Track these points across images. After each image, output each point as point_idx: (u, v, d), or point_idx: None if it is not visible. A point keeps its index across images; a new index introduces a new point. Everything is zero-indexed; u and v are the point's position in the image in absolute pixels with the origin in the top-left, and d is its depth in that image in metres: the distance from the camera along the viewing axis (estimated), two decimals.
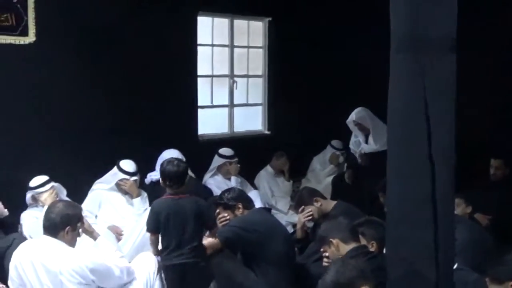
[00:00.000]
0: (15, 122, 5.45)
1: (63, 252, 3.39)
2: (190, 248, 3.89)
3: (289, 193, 6.90)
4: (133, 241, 5.08)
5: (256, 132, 7.72)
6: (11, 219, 4.88)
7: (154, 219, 3.95)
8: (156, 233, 3.98)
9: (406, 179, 2.75)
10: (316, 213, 4.65)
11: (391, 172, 2.84)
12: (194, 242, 3.91)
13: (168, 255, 3.90)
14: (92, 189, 5.57)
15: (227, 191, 4.47)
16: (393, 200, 2.86)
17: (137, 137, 6.16)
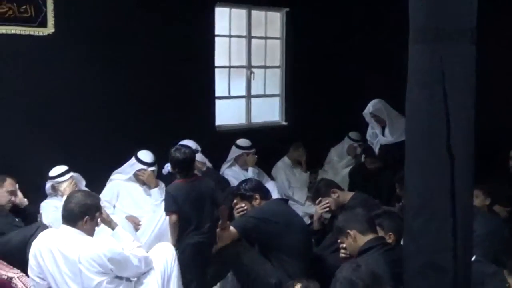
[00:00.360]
0: (34, 112, 5.48)
1: (81, 241, 3.42)
2: (208, 228, 4.08)
3: (306, 184, 6.90)
4: (151, 231, 5.11)
5: (274, 123, 7.71)
6: (31, 209, 4.93)
7: (172, 201, 4.10)
8: (176, 213, 4.09)
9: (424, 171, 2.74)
10: (333, 204, 4.65)
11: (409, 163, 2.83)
12: (209, 221, 4.10)
13: (188, 235, 4.05)
14: (110, 179, 5.61)
15: (244, 181, 4.48)
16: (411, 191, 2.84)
17: (155, 128, 6.18)
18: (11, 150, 5.31)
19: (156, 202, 5.44)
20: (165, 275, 3.66)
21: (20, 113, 5.42)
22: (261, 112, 7.63)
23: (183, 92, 6.46)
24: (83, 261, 3.34)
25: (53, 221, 4.77)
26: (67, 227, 3.48)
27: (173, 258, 3.78)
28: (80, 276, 3.35)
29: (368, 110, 6.69)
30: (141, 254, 3.57)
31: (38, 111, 5.51)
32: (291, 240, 4.01)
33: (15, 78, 5.35)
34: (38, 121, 5.51)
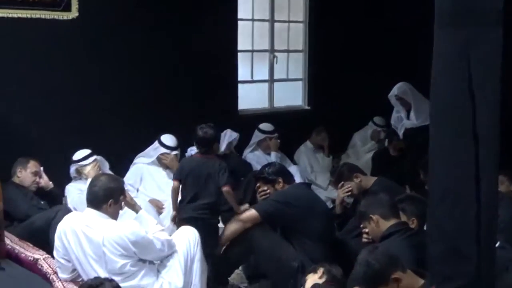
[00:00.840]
0: (58, 97, 5.53)
1: (105, 224, 3.45)
2: (204, 204, 4.27)
3: (328, 168, 6.88)
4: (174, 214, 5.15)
5: (296, 107, 7.69)
6: (56, 191, 4.99)
7: (179, 170, 4.49)
8: (177, 181, 4.42)
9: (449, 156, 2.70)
10: (356, 189, 4.63)
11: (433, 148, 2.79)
12: (207, 199, 4.28)
13: (183, 207, 4.30)
14: (134, 163, 5.65)
15: (267, 165, 4.48)
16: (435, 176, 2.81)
17: (178, 112, 6.20)
18: (36, 134, 5.37)
19: None
20: (188, 258, 3.68)
21: (45, 97, 5.46)
22: (284, 97, 7.61)
23: (206, 77, 6.46)
24: (107, 244, 3.38)
25: (78, 204, 4.83)
26: (92, 210, 3.52)
27: (196, 241, 3.80)
28: (104, 258, 3.38)
29: (393, 93, 6.63)
30: (164, 238, 3.59)
31: (63, 95, 5.55)
32: (313, 224, 4.01)
33: (39, 62, 5.39)
34: (62, 105, 5.55)
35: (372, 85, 7.45)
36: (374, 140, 7.24)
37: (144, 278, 3.50)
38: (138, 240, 3.42)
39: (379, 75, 7.42)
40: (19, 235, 4.20)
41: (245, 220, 4.06)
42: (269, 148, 6.35)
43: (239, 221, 4.09)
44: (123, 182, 3.97)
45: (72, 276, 3.59)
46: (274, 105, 7.49)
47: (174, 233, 3.92)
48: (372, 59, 7.63)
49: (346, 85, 7.60)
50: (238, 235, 4.09)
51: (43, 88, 5.45)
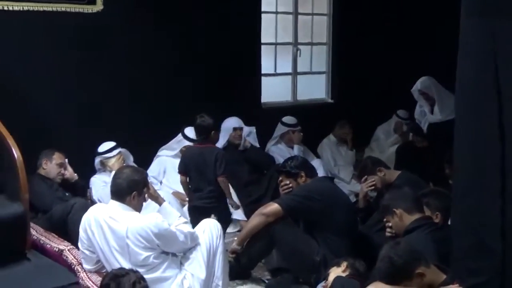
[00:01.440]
0: (83, 89, 5.57)
1: (129, 216, 3.47)
2: (207, 193, 4.55)
3: (352, 162, 6.85)
4: None
5: (320, 100, 7.66)
6: (81, 183, 5.04)
7: (182, 162, 4.71)
8: (183, 174, 4.70)
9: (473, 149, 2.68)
10: (379, 183, 4.60)
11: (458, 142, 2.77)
12: (209, 187, 4.55)
13: (192, 197, 4.64)
14: (157, 155, 5.68)
15: (290, 159, 4.46)
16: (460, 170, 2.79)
17: (201, 105, 6.19)
18: (62, 126, 5.41)
19: None
20: (210, 251, 3.69)
21: (69, 91, 5.50)
22: (307, 89, 7.58)
23: (229, 69, 6.45)
24: (131, 236, 3.39)
25: (103, 196, 4.87)
26: (115, 202, 3.54)
27: (218, 234, 3.80)
28: (127, 250, 3.40)
29: (416, 87, 6.57)
30: (187, 230, 3.60)
31: (87, 88, 5.59)
32: (336, 218, 3.99)
33: (65, 56, 5.43)
34: (87, 98, 5.59)
35: (396, 78, 7.39)
36: (397, 133, 7.19)
37: (167, 270, 3.51)
38: (161, 233, 3.43)
39: (403, 68, 7.35)
40: (43, 227, 4.25)
41: (267, 214, 4.05)
42: (292, 141, 6.34)
43: (262, 215, 4.08)
44: (147, 175, 3.98)
45: (97, 267, 3.62)
46: (297, 98, 7.47)
47: (197, 225, 3.93)
48: (396, 52, 7.56)
49: (369, 77, 7.55)
50: (260, 229, 4.09)
51: (67, 82, 5.48)
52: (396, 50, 7.58)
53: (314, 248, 3.99)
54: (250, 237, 4.16)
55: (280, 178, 4.38)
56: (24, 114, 5.11)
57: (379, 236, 3.98)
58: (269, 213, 4.05)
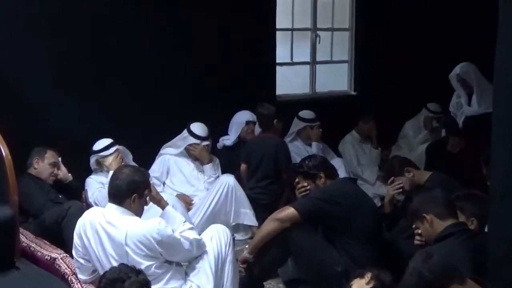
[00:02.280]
0: (78, 83, 5.61)
1: (129, 222, 3.47)
2: (257, 183, 5.00)
3: (377, 161, 6.84)
4: (204, 211, 5.19)
5: (341, 92, 7.65)
6: (76, 184, 5.06)
7: (244, 152, 5.38)
8: (244, 163, 5.38)
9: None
10: (408, 184, 4.59)
11: (496, 139, 2.75)
12: (261, 179, 4.95)
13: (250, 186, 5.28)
14: (160, 153, 5.69)
15: (308, 158, 4.45)
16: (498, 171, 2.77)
17: (209, 98, 6.22)
18: (55, 122, 5.45)
19: (209, 179, 5.51)
20: (218, 260, 3.69)
21: (62, 84, 5.54)
22: (327, 80, 7.58)
23: (240, 58, 6.46)
24: (130, 243, 3.40)
25: (100, 199, 4.89)
26: (114, 206, 3.55)
27: (227, 242, 3.81)
28: (126, 259, 3.40)
29: (455, 72, 6.54)
30: (193, 237, 3.61)
31: (84, 82, 5.62)
32: (359, 224, 3.98)
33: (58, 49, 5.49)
34: (82, 92, 5.62)
35: (426, 68, 7.36)
36: (427, 129, 7.16)
37: (170, 281, 3.52)
38: (164, 240, 3.44)
39: (435, 56, 7.32)
40: (34, 233, 4.27)
41: (283, 219, 4.05)
42: (310, 138, 6.33)
43: (276, 220, 4.07)
44: (148, 175, 3.99)
45: (93, 277, 3.63)
46: (316, 90, 7.47)
47: (204, 232, 3.93)
48: (427, 38, 7.53)
49: (397, 67, 7.52)
50: (274, 236, 4.08)
51: (63, 75, 5.52)
52: (428, 36, 7.54)
53: (335, 257, 3.98)
54: (263, 245, 4.15)
55: (296, 180, 4.37)
56: (13, 109, 5.15)
57: (407, 244, 3.96)
58: (285, 218, 4.05)
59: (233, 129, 6.04)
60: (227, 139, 6.06)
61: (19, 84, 5.28)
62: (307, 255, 4.01)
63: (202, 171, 5.59)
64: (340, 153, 6.80)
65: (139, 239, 3.41)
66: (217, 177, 5.51)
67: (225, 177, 5.38)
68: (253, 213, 5.36)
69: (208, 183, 5.51)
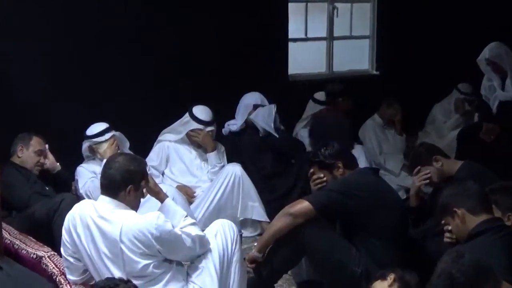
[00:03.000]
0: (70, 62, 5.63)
1: (124, 216, 3.47)
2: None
3: (401, 149, 6.84)
4: (208, 204, 5.20)
5: (362, 72, 7.65)
6: (65, 175, 5.06)
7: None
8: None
9: None
10: (436, 175, 4.57)
11: None
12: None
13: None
14: (159, 140, 5.69)
15: (324, 145, 4.43)
16: None
17: (214, 79, 6.21)
18: (42, 105, 5.45)
19: (213, 169, 5.51)
20: (224, 260, 3.69)
21: (54, 63, 5.55)
22: (346, 58, 7.57)
23: (249, 34, 6.45)
24: (125, 240, 3.40)
25: (92, 190, 4.92)
26: (107, 198, 3.55)
27: (234, 239, 3.81)
28: (121, 257, 3.41)
29: (484, 56, 6.49)
30: (196, 233, 3.60)
31: (75, 60, 5.62)
32: (382, 219, 3.97)
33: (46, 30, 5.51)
34: (75, 71, 5.63)
35: (457, 44, 7.32)
36: (458, 113, 7.14)
37: (170, 282, 3.52)
38: (163, 236, 3.43)
39: (467, 31, 7.28)
40: (18, 228, 4.26)
41: (296, 214, 4.04)
42: None
43: (289, 216, 4.06)
44: (146, 164, 3.99)
45: (83, 278, 3.64)
46: (334, 70, 7.46)
47: (207, 227, 3.93)
48: (458, 10, 7.49)
49: (424, 43, 7.50)
50: (286, 233, 4.08)
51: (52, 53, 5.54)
52: (459, 10, 7.49)
53: (354, 257, 3.98)
54: (274, 243, 4.15)
55: (311, 170, 4.36)
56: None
57: (435, 242, 3.95)
58: (298, 212, 4.04)
59: (239, 113, 6.02)
60: (233, 124, 6.05)
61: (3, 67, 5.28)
62: (323, 255, 4.00)
63: (206, 159, 5.59)
64: (361, 140, 6.79)
65: (135, 235, 3.41)
66: (222, 167, 5.51)
67: (231, 167, 5.39)
68: (262, 207, 5.36)
69: (212, 173, 5.51)
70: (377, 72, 7.63)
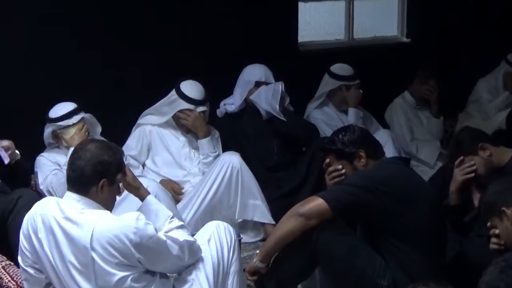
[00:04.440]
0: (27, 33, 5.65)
1: (95, 218, 3.47)
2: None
3: (438, 135, 6.86)
4: (199, 203, 5.21)
5: (389, 39, 7.66)
6: (22, 166, 5.05)
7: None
8: None
9: None
10: (482, 167, 4.57)
11: None
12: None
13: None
14: (138, 123, 5.69)
15: (342, 130, 4.42)
16: None
17: (206, 49, 6.21)
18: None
19: (206, 159, 5.51)
20: (219, 271, 3.70)
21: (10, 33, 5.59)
22: (370, 22, 7.56)
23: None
24: (97, 247, 3.41)
25: (56, 185, 4.93)
26: (74, 196, 3.55)
27: (231, 245, 3.83)
28: (92, 268, 3.42)
29: None
30: (184, 238, 3.61)
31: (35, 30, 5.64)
32: (413, 221, 3.98)
33: None
34: (34, 43, 5.66)
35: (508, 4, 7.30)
36: (508, 90, 7.13)
37: None
38: (144, 242, 3.44)
39: None
40: None
41: (307, 214, 4.03)
42: (346, 103, 6.32)
43: (299, 217, 4.05)
44: (123, 153, 3.98)
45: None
46: (355, 36, 7.44)
47: (199, 231, 3.94)
48: None
49: (466, 5, 7.47)
50: (296, 238, 4.09)
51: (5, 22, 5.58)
52: None
53: (380, 267, 3.98)
54: (280, 250, 4.16)
55: (327, 160, 4.36)
56: None
57: (479, 249, 3.95)
58: (310, 213, 4.04)
59: (238, 90, 6.00)
60: (231, 104, 6.03)
61: None
62: (341, 265, 4.01)
63: (197, 147, 5.58)
64: (388, 123, 6.80)
65: (109, 241, 3.41)
66: (216, 156, 5.50)
67: (228, 156, 5.38)
68: (266, 206, 5.36)
69: (204, 164, 5.51)
70: (407, 39, 7.63)
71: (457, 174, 4.64)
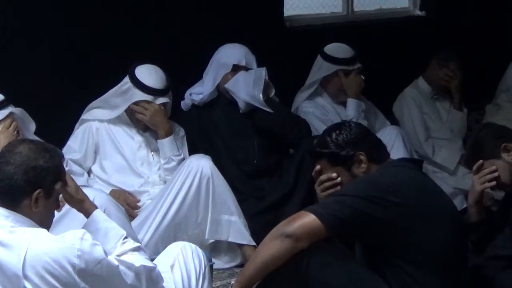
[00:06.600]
0: None
1: (29, 238, 3.49)
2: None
3: (461, 132, 6.89)
4: (159, 219, 5.21)
5: (399, 12, 7.69)
6: None
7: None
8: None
9: None
10: (507, 173, 4.59)
11: None
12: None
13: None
14: (82, 119, 5.69)
15: (336, 128, 4.43)
16: None
17: (169, 26, 6.24)
18: None
19: (168, 164, 5.52)
20: None
21: None
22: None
23: None
24: (32, 275, 3.42)
25: None
26: (2, 211, 3.57)
27: (201, 272, 3.87)
28: None
29: None
30: (141, 263, 3.64)
31: None
32: (426, 240, 4.01)
33: None
34: None
35: None
36: None
37: None
38: (90, 268, 3.46)
39: None
40: None
41: (296, 234, 4.03)
42: (344, 93, 6.35)
43: (285, 237, 4.04)
44: (62, 157, 4.01)
45: None
46: (355, 9, 7.48)
47: (159, 255, 3.97)
48: None
49: None
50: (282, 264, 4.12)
51: None
52: None
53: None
54: (263, 279, 4.20)
55: (317, 167, 4.38)
56: None
57: (508, 275, 4.01)
58: (299, 233, 4.05)
59: (209, 74, 5.97)
60: (199, 94, 6.00)
61: None
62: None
63: (156, 149, 5.59)
64: (396, 117, 6.84)
65: (47, 268, 3.43)
66: (181, 160, 5.51)
67: (196, 161, 5.38)
68: (244, 223, 5.37)
69: (166, 170, 5.52)
70: (422, 13, 7.67)
71: (476, 182, 4.64)
